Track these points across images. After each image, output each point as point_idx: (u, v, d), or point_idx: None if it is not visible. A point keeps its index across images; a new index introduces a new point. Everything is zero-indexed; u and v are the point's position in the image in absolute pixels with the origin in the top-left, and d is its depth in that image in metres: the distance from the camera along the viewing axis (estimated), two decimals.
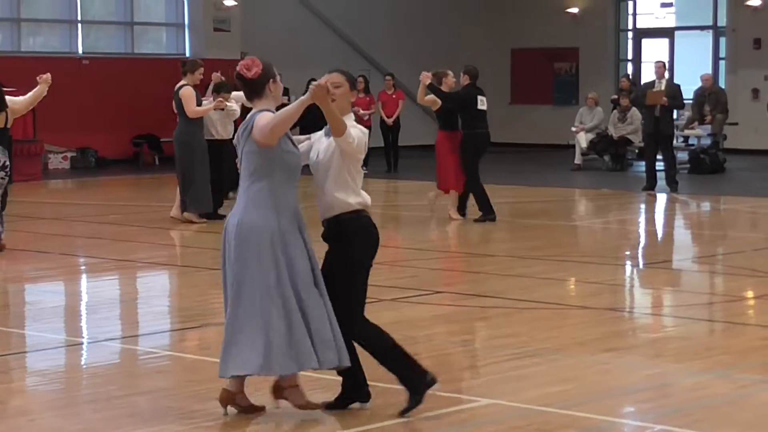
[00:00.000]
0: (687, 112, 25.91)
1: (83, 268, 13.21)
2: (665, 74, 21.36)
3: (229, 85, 17.00)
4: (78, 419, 7.13)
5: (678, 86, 21.35)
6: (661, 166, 20.95)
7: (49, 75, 13.66)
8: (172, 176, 16.84)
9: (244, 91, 7.00)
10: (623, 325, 10.14)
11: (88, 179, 24.04)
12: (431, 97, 16.40)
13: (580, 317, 10.21)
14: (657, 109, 20.50)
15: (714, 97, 25.85)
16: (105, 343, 9.28)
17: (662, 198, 20.17)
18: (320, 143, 7.08)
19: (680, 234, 17.15)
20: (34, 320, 10.41)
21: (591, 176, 24.10)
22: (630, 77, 28.03)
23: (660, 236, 16.62)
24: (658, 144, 20.76)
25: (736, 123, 27.35)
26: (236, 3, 28.28)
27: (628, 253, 14.40)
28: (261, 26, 28.96)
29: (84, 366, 8.77)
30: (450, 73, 16.65)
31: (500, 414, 7.16)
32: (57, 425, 6.99)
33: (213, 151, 16.42)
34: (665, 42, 31.58)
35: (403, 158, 25.21)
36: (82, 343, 9.47)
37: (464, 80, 16.76)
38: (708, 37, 31.07)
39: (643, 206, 19.54)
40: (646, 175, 20.84)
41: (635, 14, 32.28)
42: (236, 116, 16.68)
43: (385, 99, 25.30)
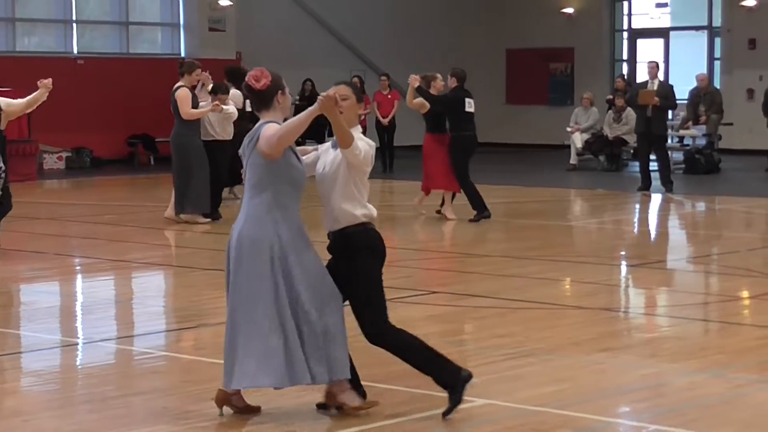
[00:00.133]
0: (682, 113, 25.94)
1: (78, 269, 13.20)
2: (658, 74, 21.39)
3: (226, 86, 17.01)
4: (73, 420, 7.12)
5: (671, 86, 21.35)
6: (655, 167, 20.97)
7: (50, 80, 13.51)
8: (168, 176, 16.82)
9: (253, 102, 7.00)
10: (618, 325, 10.15)
11: (83, 179, 24.03)
12: (420, 101, 16.51)
13: (575, 317, 10.21)
14: (648, 109, 20.51)
15: (709, 98, 25.87)
16: (100, 344, 9.27)
17: (657, 198, 20.19)
18: (327, 155, 7.08)
19: (675, 234, 17.15)
20: (29, 320, 10.41)
21: (586, 176, 24.10)
22: (625, 77, 28.04)
23: (655, 236, 16.64)
24: (651, 144, 20.78)
25: (731, 123, 27.36)
26: (231, 3, 28.25)
27: (623, 253, 14.40)
28: (256, 26, 28.94)
29: (79, 366, 8.76)
30: (439, 76, 16.79)
31: (495, 414, 7.16)
32: (52, 426, 6.98)
33: (213, 152, 16.41)
34: (660, 42, 31.61)
35: (399, 158, 25.22)
36: (78, 344, 9.45)
37: (452, 83, 16.83)
38: (703, 38, 31.10)
39: (638, 206, 19.56)
40: (641, 176, 20.86)
41: (630, 14, 32.30)
42: (234, 118, 16.65)
43: (381, 99, 25.30)
